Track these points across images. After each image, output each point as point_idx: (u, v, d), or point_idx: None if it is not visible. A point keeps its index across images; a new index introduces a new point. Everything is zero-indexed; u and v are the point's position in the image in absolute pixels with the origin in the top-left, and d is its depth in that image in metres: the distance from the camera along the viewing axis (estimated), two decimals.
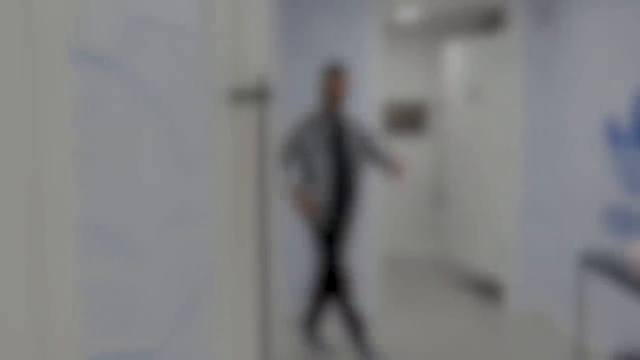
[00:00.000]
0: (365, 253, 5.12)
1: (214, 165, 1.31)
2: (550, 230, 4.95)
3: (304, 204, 3.79)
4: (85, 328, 0.72)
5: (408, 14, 5.98)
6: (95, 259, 0.74)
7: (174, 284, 1.05)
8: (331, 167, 3.82)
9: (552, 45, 4.92)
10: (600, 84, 4.16)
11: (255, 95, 1.57)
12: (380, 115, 5.19)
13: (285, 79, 4.97)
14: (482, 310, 5.17)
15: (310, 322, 4.10)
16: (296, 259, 5.08)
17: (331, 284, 3.91)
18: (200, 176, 1.19)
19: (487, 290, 5.68)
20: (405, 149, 7.10)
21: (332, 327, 4.43)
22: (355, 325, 3.87)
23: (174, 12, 1.03)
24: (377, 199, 5.14)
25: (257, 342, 1.70)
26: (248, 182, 1.62)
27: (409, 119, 7.14)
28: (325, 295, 3.95)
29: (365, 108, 5.04)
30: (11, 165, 0.63)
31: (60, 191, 0.69)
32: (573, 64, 4.60)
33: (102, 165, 0.76)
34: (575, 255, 4.48)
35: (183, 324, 1.10)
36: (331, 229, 3.89)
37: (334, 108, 3.89)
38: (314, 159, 3.82)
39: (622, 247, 3.13)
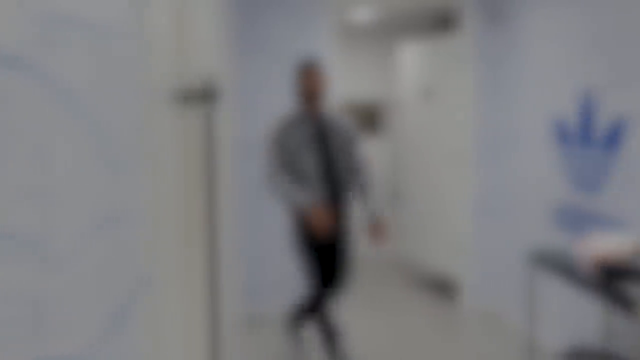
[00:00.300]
0: None
1: (155, 166, 1.27)
2: (502, 229, 5.03)
3: (315, 218, 3.50)
4: None
5: (363, 15, 6.00)
6: (5, 267, 0.71)
7: (102, 288, 1.02)
8: (318, 169, 3.66)
9: (503, 46, 5.00)
10: (549, 84, 4.24)
11: (202, 96, 1.54)
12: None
13: (240, 79, 4.92)
14: (437, 308, 5.21)
15: (297, 322, 3.98)
16: (275, 256, 5.04)
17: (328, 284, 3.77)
18: (134, 177, 1.16)
19: (443, 288, 5.74)
20: (362, 149, 7.12)
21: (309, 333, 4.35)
22: (329, 334, 3.78)
23: (97, 11, 0.99)
24: None
25: (207, 344, 1.67)
26: (197, 182, 1.58)
27: (365, 119, 7.17)
28: (321, 298, 3.78)
29: None
30: None
31: None
32: (523, 64, 4.68)
33: (12, 169, 0.73)
34: (526, 253, 4.56)
35: (113, 327, 1.08)
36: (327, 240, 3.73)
37: (313, 107, 3.70)
38: (300, 160, 3.63)
39: (571, 245, 3.20)
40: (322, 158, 3.66)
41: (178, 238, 1.39)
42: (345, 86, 7.08)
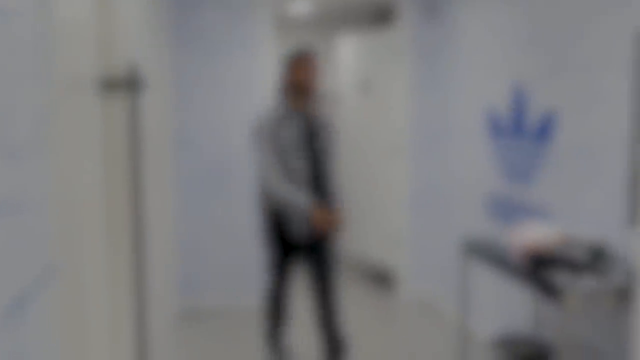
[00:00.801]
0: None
1: (68, 154, 1.22)
2: (439, 220, 5.12)
3: (319, 220, 3.25)
4: None
5: (301, 7, 5.97)
6: None
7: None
8: (308, 170, 3.33)
9: (439, 40, 5.08)
10: (483, 78, 4.33)
11: (126, 84, 1.49)
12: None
13: (176, 71, 4.82)
14: (376, 299, 5.27)
15: (272, 332, 3.70)
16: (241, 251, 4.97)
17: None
18: (39, 165, 1.11)
19: (382, 280, 5.81)
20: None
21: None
22: (337, 348, 3.46)
23: None
24: None
25: (133, 336, 1.62)
26: (121, 171, 1.53)
27: None
28: (279, 303, 3.60)
29: (257, 102, 4.98)
30: None
31: None
32: (458, 58, 4.76)
33: None
34: (459, 243, 4.66)
35: (13, 311, 1.04)
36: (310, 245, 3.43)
37: (303, 103, 3.32)
38: (289, 161, 3.28)
39: (503, 235, 3.28)
40: (310, 159, 3.33)
41: (98, 228, 1.34)
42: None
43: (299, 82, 3.29)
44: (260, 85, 5.00)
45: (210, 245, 5.04)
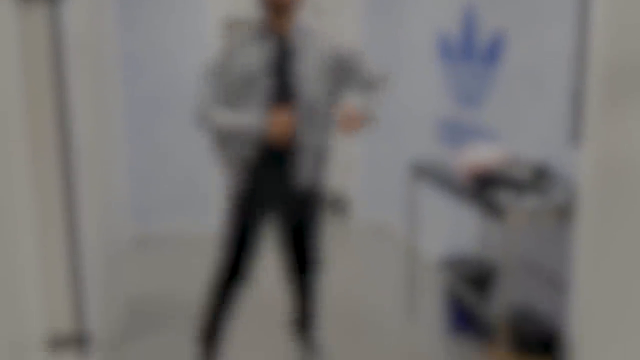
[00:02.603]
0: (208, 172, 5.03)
1: None
2: (390, 145, 5.13)
3: (274, 124, 2.52)
4: None
5: None
6: None
7: None
8: (274, 104, 2.59)
9: None
10: (433, 0, 4.25)
11: None
12: (222, 35, 4.98)
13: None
14: (330, 225, 5.32)
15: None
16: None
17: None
18: None
19: (335, 205, 5.85)
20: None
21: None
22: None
23: None
24: None
25: (66, 267, 1.58)
26: (43, 90, 1.44)
27: None
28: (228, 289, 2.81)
29: (205, 25, 4.82)
30: None
31: None
32: None
33: None
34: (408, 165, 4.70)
35: None
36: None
37: (281, 22, 2.58)
38: (246, 93, 2.60)
39: (451, 157, 3.30)
40: (280, 89, 2.60)
41: (20, 151, 1.27)
42: (231, 2, 6.81)
43: None
44: (208, 7, 4.82)
45: (161, 172, 4.97)
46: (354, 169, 5.34)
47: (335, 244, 4.81)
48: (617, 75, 1.73)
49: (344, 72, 2.70)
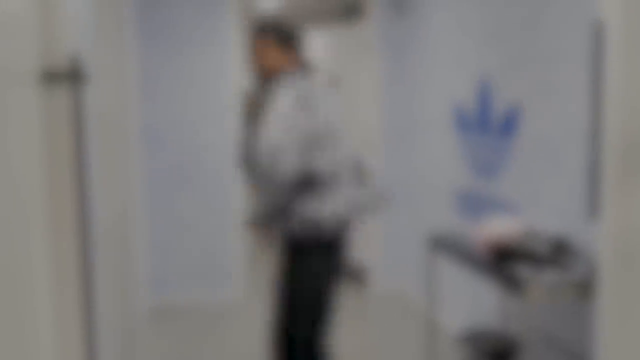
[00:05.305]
0: (225, 229, 5.05)
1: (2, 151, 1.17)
2: (408, 215, 5.12)
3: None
4: None
5: (269, 4, 5.93)
6: None
7: None
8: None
9: (407, 36, 5.07)
10: (450, 73, 4.33)
11: (68, 77, 1.44)
12: (241, 107, 5.09)
13: (140, 67, 4.74)
14: (348, 295, 5.26)
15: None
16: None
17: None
18: None
19: (353, 275, 5.80)
20: None
21: None
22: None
23: None
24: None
25: (82, 336, 1.58)
26: (64, 168, 1.48)
27: None
28: None
29: (225, 99, 4.94)
30: None
31: None
32: (425, 53, 4.76)
33: None
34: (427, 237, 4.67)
35: None
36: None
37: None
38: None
39: (469, 229, 3.28)
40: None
41: (40, 233, 1.30)
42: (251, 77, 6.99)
43: (258, 60, 2.74)
44: (227, 82, 4.96)
45: (181, 243, 4.99)
46: (373, 239, 5.32)
47: (352, 314, 4.74)
48: (632, 149, 1.74)
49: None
